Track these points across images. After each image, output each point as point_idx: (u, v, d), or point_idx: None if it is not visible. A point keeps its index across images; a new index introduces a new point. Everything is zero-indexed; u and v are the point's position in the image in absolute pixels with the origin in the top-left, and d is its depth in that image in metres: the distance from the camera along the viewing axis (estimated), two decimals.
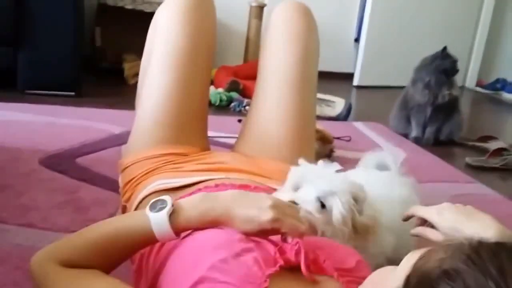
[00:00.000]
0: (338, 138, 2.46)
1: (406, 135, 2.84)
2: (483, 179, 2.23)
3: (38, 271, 0.81)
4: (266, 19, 3.99)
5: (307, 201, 0.96)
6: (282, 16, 1.48)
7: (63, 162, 1.85)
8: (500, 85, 4.70)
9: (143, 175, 1.25)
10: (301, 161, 1.06)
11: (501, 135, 2.84)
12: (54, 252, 0.83)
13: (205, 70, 1.45)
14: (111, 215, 1.49)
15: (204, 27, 1.43)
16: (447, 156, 2.56)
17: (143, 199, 1.18)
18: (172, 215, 0.82)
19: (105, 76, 3.39)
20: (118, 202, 1.56)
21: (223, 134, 2.32)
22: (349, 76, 4.32)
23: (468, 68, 4.82)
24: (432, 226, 0.94)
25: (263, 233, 0.83)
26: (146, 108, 1.39)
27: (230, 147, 2.02)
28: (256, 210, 0.83)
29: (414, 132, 2.81)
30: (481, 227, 0.86)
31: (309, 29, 1.47)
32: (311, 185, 0.98)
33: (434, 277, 0.53)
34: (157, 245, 0.91)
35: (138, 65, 3.36)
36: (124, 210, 1.26)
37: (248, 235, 0.83)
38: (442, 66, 2.74)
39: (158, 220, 0.82)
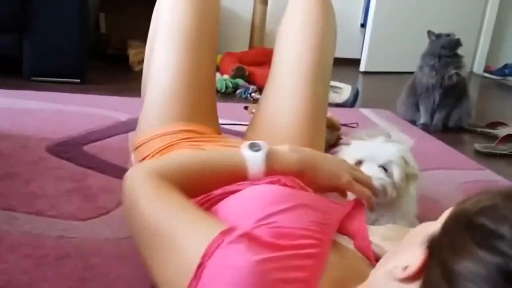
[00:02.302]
0: (345, 125, 2.45)
1: (414, 122, 2.82)
2: (492, 165, 2.21)
3: (135, 174, 0.87)
4: (271, 4, 3.96)
5: (375, 171, 1.26)
6: (299, 3, 1.47)
7: (70, 150, 1.84)
8: (508, 70, 4.66)
9: (161, 150, 1.24)
10: (352, 141, 1.38)
11: (510, 121, 2.81)
12: (155, 164, 0.91)
13: (211, 50, 1.44)
14: (120, 202, 1.48)
15: (207, 7, 1.42)
16: (455, 142, 2.54)
17: None
18: (267, 156, 0.93)
19: (110, 63, 3.38)
20: None
21: (229, 121, 2.31)
22: (356, 62, 4.29)
23: (476, 53, 4.79)
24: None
25: (336, 190, 1.00)
26: (156, 86, 1.38)
27: (238, 134, 2.01)
28: (338, 170, 1.00)
29: (422, 119, 2.79)
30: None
31: (326, 17, 1.45)
32: (372, 160, 1.29)
33: (472, 212, 0.55)
34: None
35: (143, 52, 3.35)
36: None
37: (322, 191, 0.97)
38: (440, 44, 2.74)
39: (255, 159, 0.93)
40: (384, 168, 1.29)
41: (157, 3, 1.50)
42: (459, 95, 2.78)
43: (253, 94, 2.96)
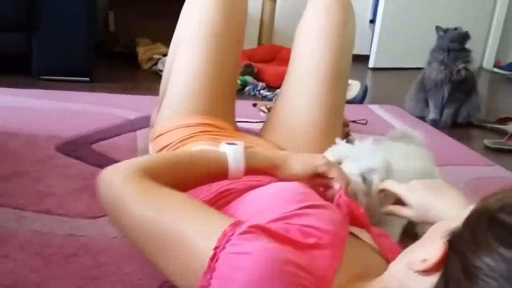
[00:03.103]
0: (354, 121, 2.44)
1: (423, 118, 2.80)
2: (502, 161, 2.19)
3: (120, 177, 0.84)
4: (280, 1, 3.95)
5: (351, 174, 1.08)
6: (320, 6, 1.46)
7: (79, 148, 1.85)
8: None
9: (181, 141, 1.26)
10: (338, 140, 1.19)
11: None
12: (138, 162, 0.89)
13: (236, 44, 1.46)
14: None
15: (236, 5, 1.44)
16: (465, 138, 2.52)
17: None
18: (245, 151, 0.94)
19: (119, 61, 3.38)
20: None
21: (238, 119, 2.30)
22: (365, 58, 4.28)
23: (485, 49, 4.75)
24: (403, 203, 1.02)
25: (315, 176, 0.97)
26: (179, 78, 1.41)
27: (245, 131, 2.01)
28: (311, 156, 1.00)
29: (431, 115, 2.77)
30: (448, 205, 0.91)
31: (346, 23, 1.45)
32: (353, 161, 1.12)
33: (494, 209, 0.55)
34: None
35: (152, 50, 3.34)
36: None
37: (301, 179, 0.94)
38: (448, 37, 2.73)
39: (235, 151, 0.92)
40: (363, 177, 1.12)
41: (185, 3, 1.53)
42: (468, 90, 2.76)
43: (261, 91, 2.96)
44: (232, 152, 0.92)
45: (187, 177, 0.90)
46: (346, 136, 2.22)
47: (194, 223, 0.76)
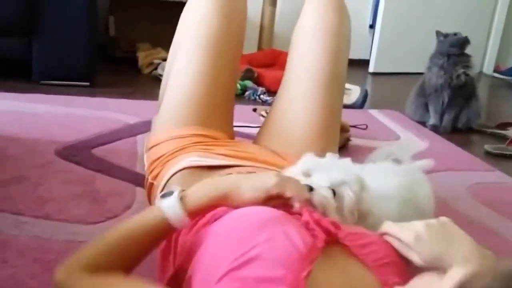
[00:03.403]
0: (354, 126, 2.44)
1: (423, 123, 2.80)
2: (503, 167, 2.19)
3: (65, 281, 0.81)
4: (280, 6, 3.95)
5: (321, 187, 0.96)
6: (315, 8, 1.46)
7: (79, 153, 1.84)
8: None
9: (173, 153, 1.26)
10: (309, 153, 1.07)
11: None
12: (78, 259, 0.84)
13: (235, 53, 1.45)
14: (128, 206, 1.49)
15: (236, 14, 1.43)
16: (465, 144, 2.52)
17: (174, 174, 1.19)
18: (181, 199, 0.87)
19: (120, 66, 3.38)
20: (135, 193, 1.56)
21: (238, 123, 2.30)
22: (365, 63, 4.28)
23: (485, 53, 4.75)
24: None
25: (270, 199, 0.88)
26: (175, 88, 1.40)
27: (246, 136, 2.01)
28: (261, 179, 0.90)
29: (431, 120, 2.77)
30: (462, 258, 0.83)
31: (342, 24, 1.44)
32: (324, 173, 0.99)
33: None
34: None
35: (153, 54, 3.35)
36: (151, 188, 1.26)
37: (255, 204, 0.87)
38: (448, 42, 2.73)
39: (169, 205, 0.86)
40: (334, 190, 0.97)
41: (184, 8, 1.52)
42: (468, 96, 2.76)
43: (262, 96, 2.95)
44: (167, 206, 0.86)
45: (132, 253, 0.87)
46: (346, 141, 2.22)
47: None
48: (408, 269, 0.86)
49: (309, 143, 1.38)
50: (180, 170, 1.19)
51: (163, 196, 0.89)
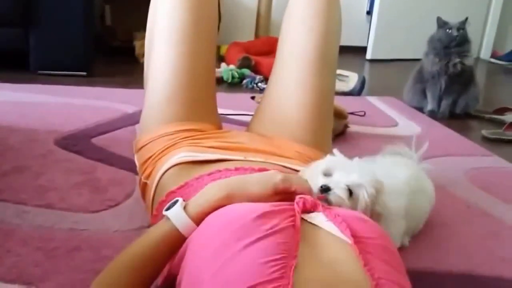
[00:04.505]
0: (352, 113, 2.44)
1: (421, 109, 2.81)
2: (500, 152, 2.20)
3: None
4: None
5: (338, 187, 1.01)
6: None
7: (79, 143, 1.85)
8: None
9: (162, 151, 1.25)
10: (336, 151, 1.11)
11: None
12: (102, 279, 0.88)
13: (209, 43, 1.42)
14: (129, 194, 1.50)
15: (207, 5, 1.40)
16: (463, 129, 2.53)
17: (166, 171, 1.19)
18: (185, 207, 0.90)
19: (116, 55, 3.38)
20: (135, 182, 1.57)
21: (236, 112, 2.31)
22: (362, 50, 4.28)
23: (482, 39, 4.76)
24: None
25: (277, 194, 0.90)
26: (155, 85, 1.38)
27: (244, 124, 2.02)
28: (267, 175, 0.93)
29: (429, 106, 2.77)
30: None
31: (330, 7, 1.44)
32: (343, 173, 1.04)
33: None
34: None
35: None
36: (144, 187, 1.27)
37: (263, 200, 0.88)
38: (437, 37, 2.73)
39: (175, 214, 0.90)
40: (350, 190, 1.02)
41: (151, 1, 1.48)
42: (465, 82, 2.76)
43: (259, 84, 2.96)
44: (172, 216, 0.90)
45: (148, 267, 0.90)
46: (344, 128, 2.23)
47: None
48: None
49: (302, 125, 1.38)
50: (172, 166, 1.19)
51: (167, 208, 0.91)
